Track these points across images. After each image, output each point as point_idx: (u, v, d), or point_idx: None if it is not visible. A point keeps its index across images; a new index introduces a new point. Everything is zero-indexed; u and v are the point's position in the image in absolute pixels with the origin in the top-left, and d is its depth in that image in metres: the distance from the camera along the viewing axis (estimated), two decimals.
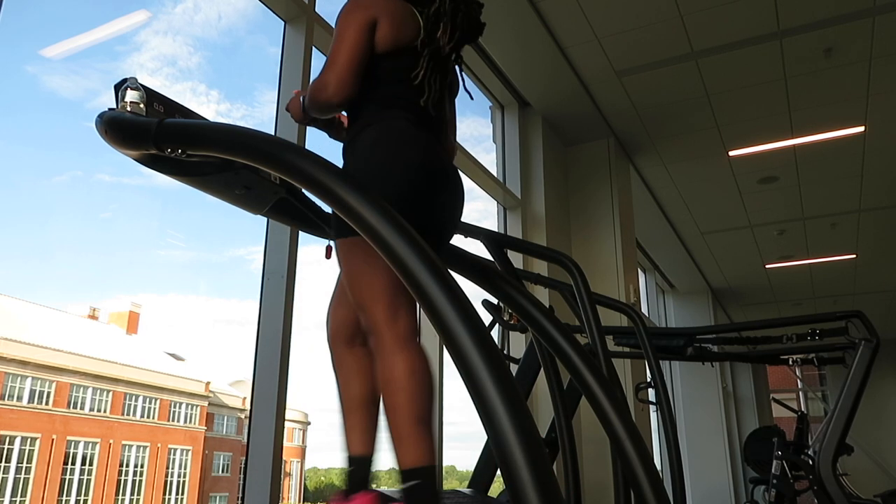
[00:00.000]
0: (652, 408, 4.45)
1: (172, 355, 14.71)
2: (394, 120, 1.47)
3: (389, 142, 1.44)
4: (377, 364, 1.33)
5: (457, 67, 1.64)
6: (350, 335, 1.49)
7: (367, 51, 1.45)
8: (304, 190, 1.51)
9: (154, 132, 1.14)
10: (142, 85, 1.25)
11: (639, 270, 7.08)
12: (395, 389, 1.25)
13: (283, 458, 2.29)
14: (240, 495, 2.35)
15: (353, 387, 1.46)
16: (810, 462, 3.48)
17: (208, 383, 14.26)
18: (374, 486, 1.43)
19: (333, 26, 1.51)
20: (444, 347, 0.75)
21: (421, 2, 1.56)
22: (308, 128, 2.67)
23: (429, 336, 3.21)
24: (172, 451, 13.11)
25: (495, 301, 2.94)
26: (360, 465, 1.42)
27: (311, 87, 1.49)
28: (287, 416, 2.33)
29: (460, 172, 1.63)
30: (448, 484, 3.39)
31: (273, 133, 2.52)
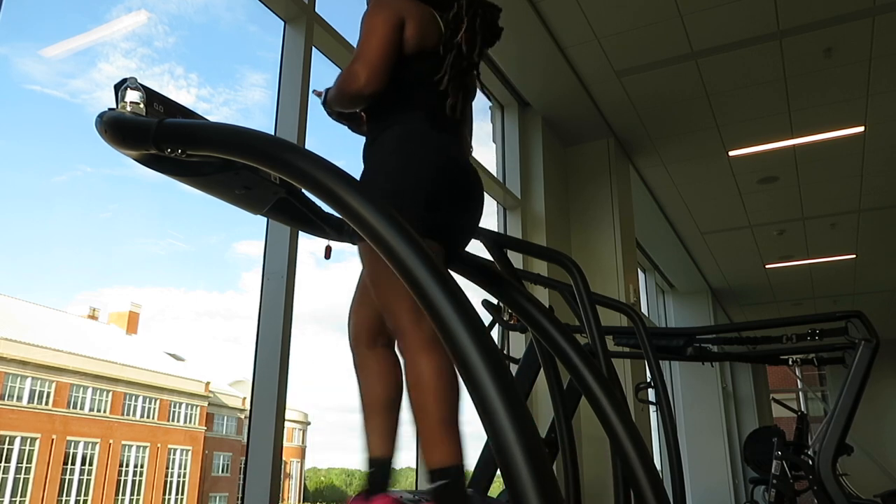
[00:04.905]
0: (652, 408, 4.44)
1: (172, 355, 14.70)
2: (415, 122, 1.48)
3: (409, 145, 1.45)
4: (405, 365, 1.33)
5: (475, 71, 1.64)
6: (373, 336, 1.48)
7: (396, 47, 1.46)
8: (303, 190, 1.51)
9: (154, 132, 1.14)
10: (142, 85, 1.25)
11: (639, 270, 7.08)
12: (423, 391, 1.26)
13: (283, 458, 2.29)
14: (240, 495, 2.35)
15: (374, 389, 1.45)
16: (810, 462, 3.48)
17: (208, 383, 14.25)
18: (393, 488, 1.43)
19: (359, 25, 1.51)
20: (446, 348, 0.75)
21: (441, 6, 1.58)
22: (307, 129, 2.68)
23: None
24: (172, 451, 13.11)
25: (495, 301, 2.94)
26: (380, 468, 1.41)
27: (338, 79, 1.48)
28: (287, 416, 2.33)
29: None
30: None
31: (273, 133, 2.52)
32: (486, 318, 3.10)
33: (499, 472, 0.68)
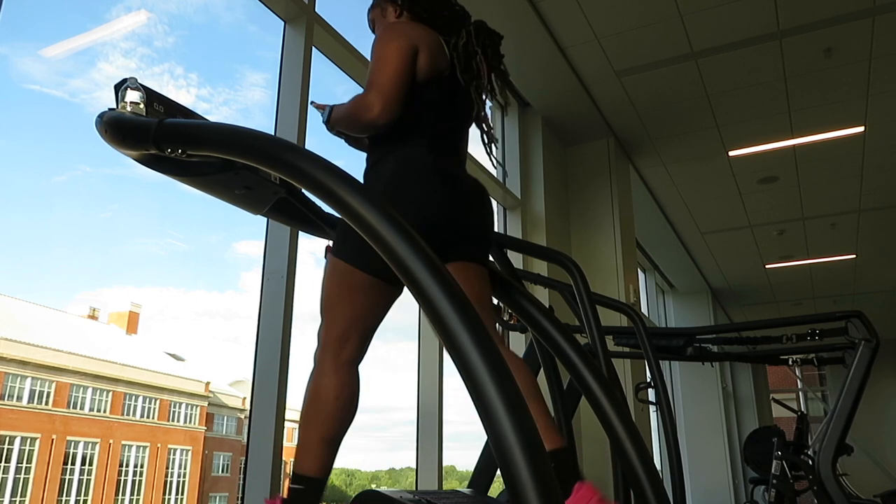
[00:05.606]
0: (652, 408, 4.44)
1: (172, 355, 14.70)
2: (414, 148, 1.48)
3: (405, 176, 1.45)
4: (312, 375, 1.41)
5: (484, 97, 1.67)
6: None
7: (410, 76, 1.47)
8: (303, 190, 1.51)
9: (154, 132, 1.14)
10: (142, 85, 1.25)
11: (639, 270, 7.08)
12: (317, 407, 1.36)
13: (283, 458, 2.29)
14: (240, 495, 2.35)
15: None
16: (810, 462, 3.48)
17: (208, 383, 14.24)
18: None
19: (370, 53, 1.51)
20: (444, 347, 0.75)
21: (447, 33, 1.60)
22: (307, 129, 2.68)
23: (428, 335, 3.21)
24: (172, 451, 13.10)
25: (495, 301, 2.94)
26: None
27: (350, 106, 1.47)
28: (287, 416, 2.33)
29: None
30: (448, 484, 3.39)
31: (273, 133, 2.52)
32: None
33: (499, 472, 0.68)
